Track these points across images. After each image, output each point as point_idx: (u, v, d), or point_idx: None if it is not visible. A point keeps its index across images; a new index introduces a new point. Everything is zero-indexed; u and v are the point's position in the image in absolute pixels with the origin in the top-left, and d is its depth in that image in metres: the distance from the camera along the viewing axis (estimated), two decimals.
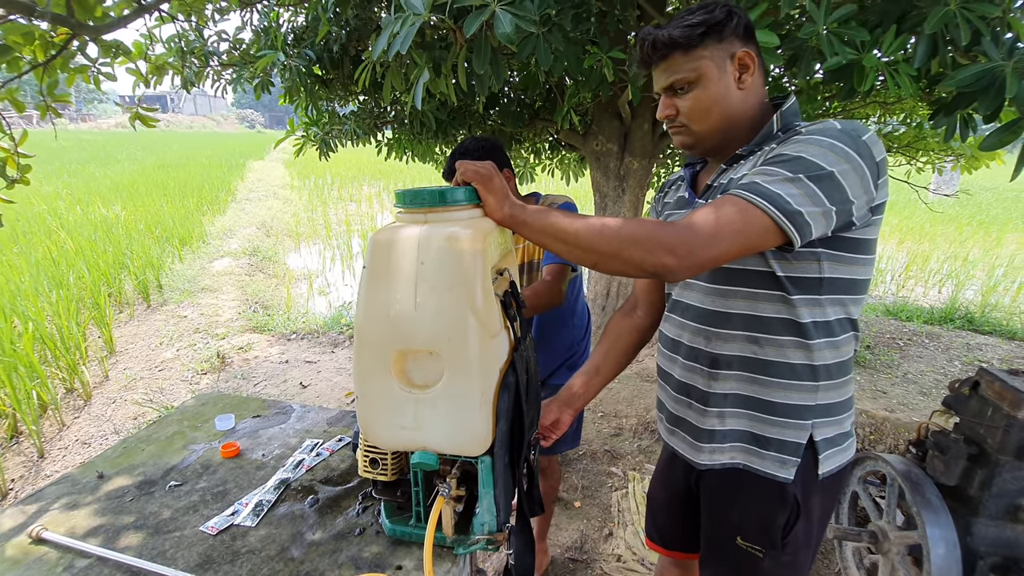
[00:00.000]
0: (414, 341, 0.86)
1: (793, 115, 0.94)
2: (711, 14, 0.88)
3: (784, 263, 0.89)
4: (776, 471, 0.96)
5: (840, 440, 0.98)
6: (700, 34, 0.88)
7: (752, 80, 0.92)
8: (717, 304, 0.97)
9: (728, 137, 0.95)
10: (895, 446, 3.04)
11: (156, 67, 2.77)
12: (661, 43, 0.91)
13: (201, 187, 12.67)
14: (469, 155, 1.64)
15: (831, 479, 0.99)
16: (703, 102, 0.92)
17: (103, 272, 5.35)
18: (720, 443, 1.01)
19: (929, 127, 3.76)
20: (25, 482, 2.77)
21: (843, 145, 0.80)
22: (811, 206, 0.78)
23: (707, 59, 0.89)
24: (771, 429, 0.96)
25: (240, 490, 1.13)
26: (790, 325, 0.91)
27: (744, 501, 1.01)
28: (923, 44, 1.45)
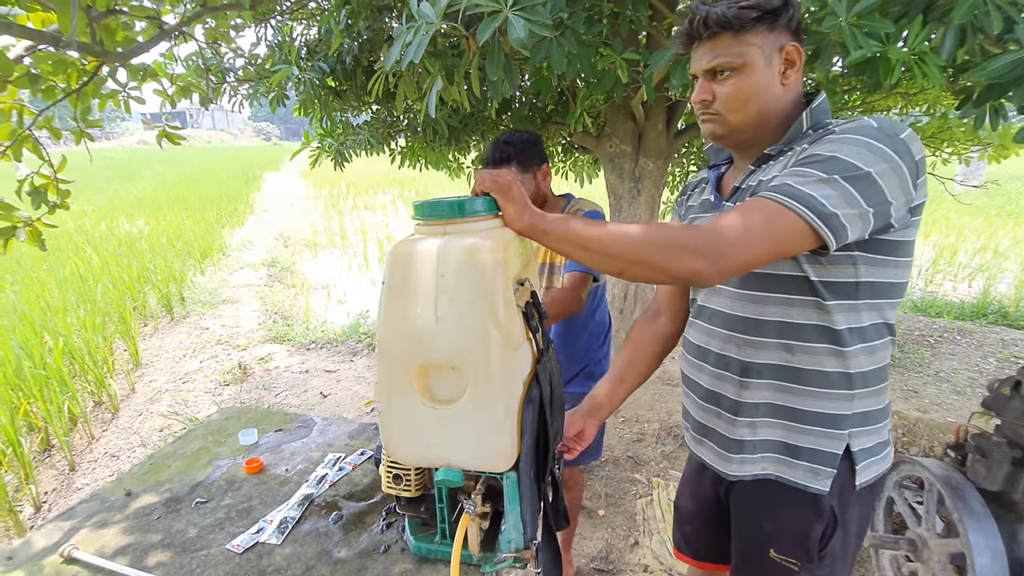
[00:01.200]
0: (436, 355, 0.85)
1: (823, 112, 0.90)
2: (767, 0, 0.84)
3: (818, 267, 0.85)
4: (809, 482, 0.92)
5: (878, 449, 0.94)
6: (754, 18, 0.83)
7: (796, 77, 0.88)
8: (748, 310, 0.94)
9: (760, 132, 0.92)
10: (930, 448, 2.93)
11: (180, 88, 2.83)
12: (713, 20, 0.85)
13: (220, 200, 12.90)
14: (511, 146, 1.66)
15: (868, 489, 0.95)
16: (744, 91, 0.87)
17: (128, 286, 5.46)
18: (751, 453, 0.98)
19: (956, 117, 3.65)
20: (58, 495, 2.82)
21: (880, 144, 0.76)
22: (847, 208, 0.75)
23: (756, 46, 0.85)
24: (804, 438, 0.92)
25: (264, 506, 1.13)
26: (824, 331, 0.88)
27: (777, 512, 0.97)
28: (951, 34, 1.40)
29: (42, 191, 1.93)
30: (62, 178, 1.98)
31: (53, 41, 0.98)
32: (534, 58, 1.64)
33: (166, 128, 2.25)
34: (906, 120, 4.21)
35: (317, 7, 3.56)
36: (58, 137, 2.04)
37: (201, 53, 3.16)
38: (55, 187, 1.98)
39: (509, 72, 1.67)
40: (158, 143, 2.29)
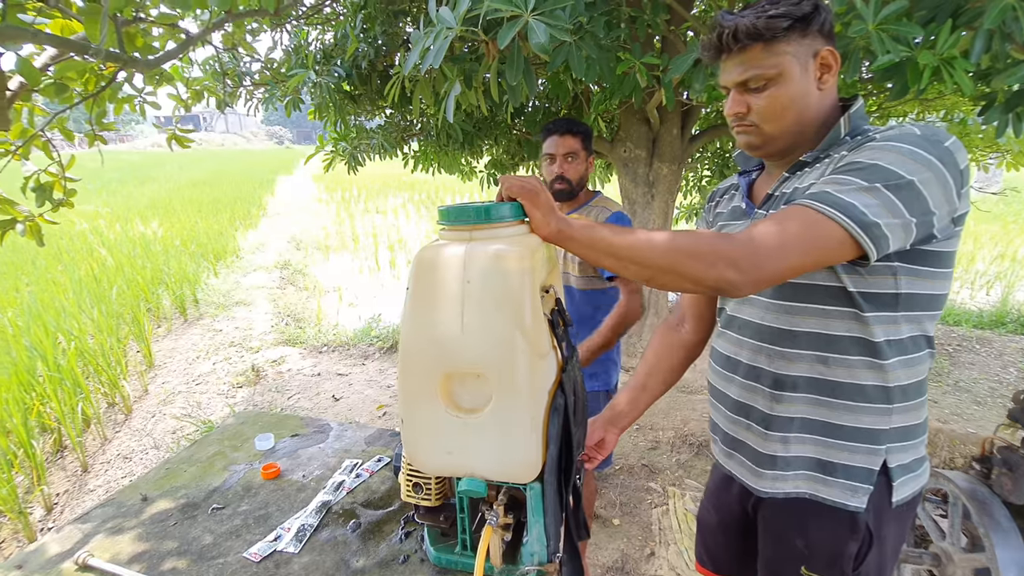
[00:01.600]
0: (461, 363, 0.83)
1: (861, 118, 0.87)
2: (796, 6, 0.81)
3: (857, 278, 0.82)
4: (847, 500, 0.89)
5: (915, 466, 0.91)
6: (785, 27, 0.80)
7: (832, 81, 0.86)
8: (781, 321, 0.91)
9: (797, 139, 0.89)
10: (951, 460, 2.87)
11: (196, 92, 2.85)
12: (743, 32, 0.82)
13: (234, 203, 13.02)
14: (581, 125, 1.73)
15: (905, 506, 0.92)
16: (780, 101, 0.85)
17: (142, 288, 5.51)
18: (783, 470, 0.95)
19: (977, 123, 3.59)
20: (70, 496, 2.83)
21: (924, 152, 0.73)
22: (889, 217, 0.72)
23: (790, 55, 0.82)
24: (839, 454, 0.89)
25: (282, 513, 1.11)
26: (862, 344, 0.85)
27: (811, 529, 0.94)
28: (980, 39, 1.37)
29: (47, 188, 1.95)
30: (69, 176, 2.00)
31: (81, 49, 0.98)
32: (554, 62, 1.63)
33: (176, 131, 2.26)
34: None
35: (333, 12, 3.58)
36: (71, 139, 2.05)
37: (218, 57, 3.19)
38: (61, 185, 1.99)
39: (528, 77, 1.66)
40: (168, 145, 2.31)
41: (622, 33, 1.99)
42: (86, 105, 1.95)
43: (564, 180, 1.70)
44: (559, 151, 1.70)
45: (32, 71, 1.19)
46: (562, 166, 1.70)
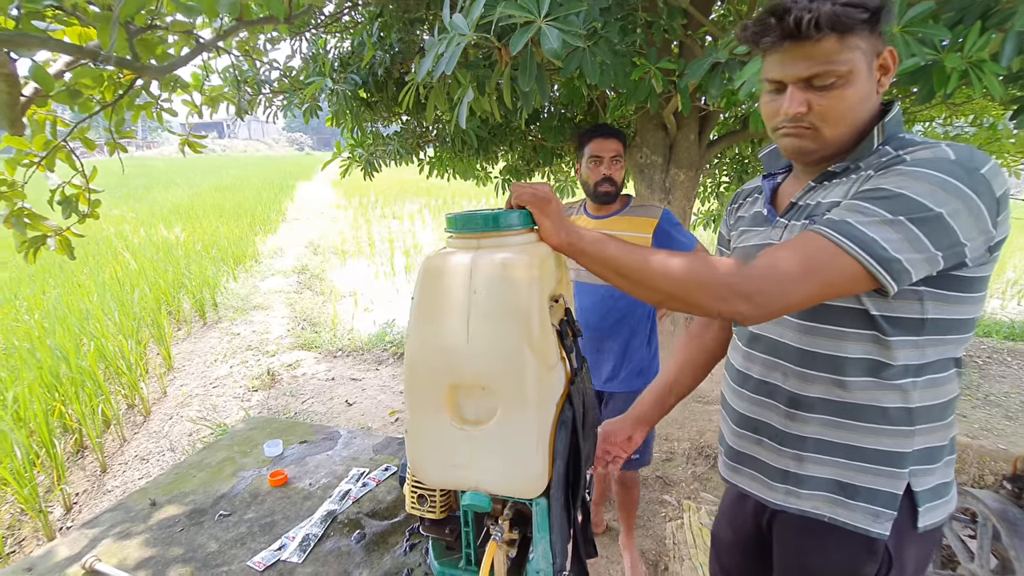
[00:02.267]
0: (466, 374, 0.81)
1: (897, 125, 0.81)
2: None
3: (880, 302, 0.78)
4: (869, 525, 0.85)
5: (943, 491, 0.87)
6: (862, 19, 0.71)
7: (887, 86, 0.80)
8: (797, 340, 0.87)
9: (848, 145, 0.82)
10: (980, 477, 2.76)
11: (211, 98, 2.90)
12: (825, 20, 0.71)
13: (254, 208, 13.25)
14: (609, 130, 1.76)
15: (931, 532, 0.87)
16: (847, 102, 0.76)
17: (163, 291, 5.62)
18: (796, 486, 0.91)
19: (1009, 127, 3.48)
20: (88, 496, 2.88)
21: (956, 181, 0.68)
22: (911, 252, 0.68)
23: (861, 51, 0.74)
24: (861, 477, 0.85)
25: (287, 522, 1.11)
26: (883, 367, 0.81)
27: (827, 550, 0.90)
28: (1011, 41, 1.32)
29: (73, 200, 1.99)
30: (93, 188, 2.04)
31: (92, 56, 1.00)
32: (567, 68, 1.61)
33: (189, 137, 2.30)
34: (951, 131, 4.04)
35: (351, 20, 3.62)
36: (92, 148, 2.10)
37: (237, 65, 3.24)
38: (85, 197, 2.03)
39: (541, 82, 1.65)
40: (180, 151, 2.34)
41: (638, 38, 1.97)
42: (105, 114, 1.99)
43: (611, 182, 1.74)
44: (606, 153, 1.72)
45: (46, 77, 1.21)
46: (610, 167, 1.73)
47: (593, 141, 1.73)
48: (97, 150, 2.37)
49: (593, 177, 1.73)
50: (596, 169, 1.72)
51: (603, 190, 1.72)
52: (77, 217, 2.12)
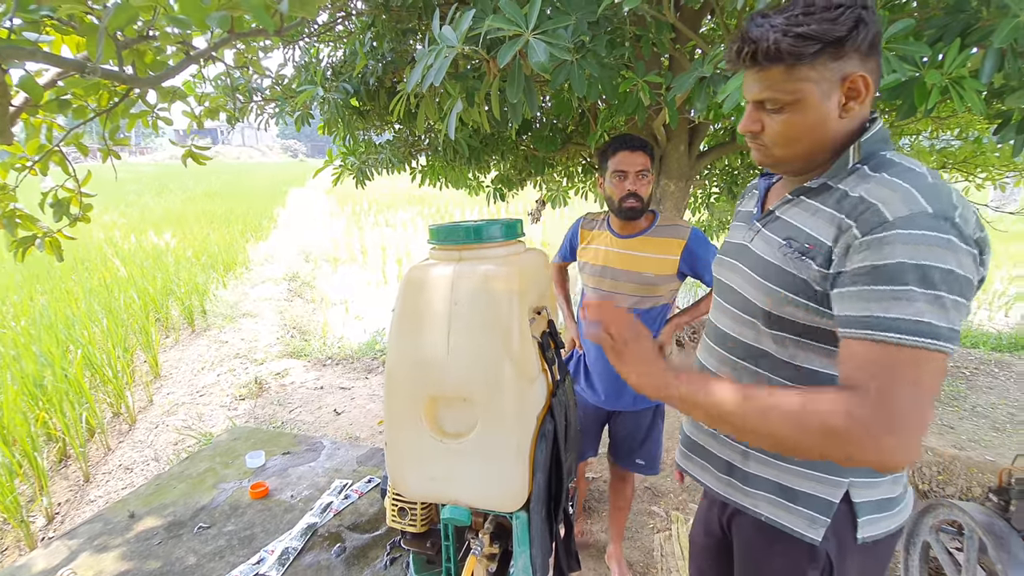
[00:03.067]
0: (446, 387, 0.81)
1: (879, 142, 0.79)
2: (832, 23, 0.71)
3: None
4: (804, 530, 0.87)
5: (888, 505, 0.87)
6: (812, 52, 0.72)
7: (860, 108, 0.77)
8: (759, 341, 0.89)
9: (812, 163, 0.83)
10: (967, 489, 2.78)
11: (210, 109, 2.90)
12: (763, 54, 0.74)
13: (246, 215, 13.19)
14: (644, 140, 1.68)
15: (874, 545, 0.88)
16: (794, 128, 0.78)
17: (152, 298, 5.57)
18: (742, 483, 0.94)
19: (992, 142, 3.54)
20: (71, 506, 2.83)
21: (948, 236, 0.67)
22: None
23: (812, 81, 0.74)
24: (801, 482, 0.88)
25: (267, 535, 1.09)
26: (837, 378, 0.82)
27: (773, 557, 0.94)
28: (990, 58, 1.35)
29: (64, 203, 1.97)
30: (86, 192, 2.03)
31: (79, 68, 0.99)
32: (555, 81, 1.62)
33: (192, 148, 2.29)
34: (937, 144, 4.10)
35: (344, 30, 3.64)
36: (85, 153, 2.09)
37: (229, 74, 3.24)
38: (78, 200, 2.02)
39: (529, 94, 1.66)
40: (183, 162, 2.33)
41: (626, 51, 1.99)
42: (100, 120, 1.98)
43: (637, 198, 1.64)
44: (632, 168, 1.63)
45: (35, 87, 1.21)
46: (635, 183, 1.64)
47: (618, 154, 1.65)
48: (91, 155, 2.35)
49: (618, 193, 1.65)
50: (621, 184, 1.64)
51: (628, 206, 1.64)
52: (68, 220, 2.11)
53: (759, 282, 0.86)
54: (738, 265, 0.93)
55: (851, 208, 0.74)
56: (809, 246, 0.78)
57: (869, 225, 0.70)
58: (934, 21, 1.44)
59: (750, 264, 0.89)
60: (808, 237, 0.79)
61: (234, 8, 0.99)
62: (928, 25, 1.44)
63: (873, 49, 0.75)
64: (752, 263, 0.89)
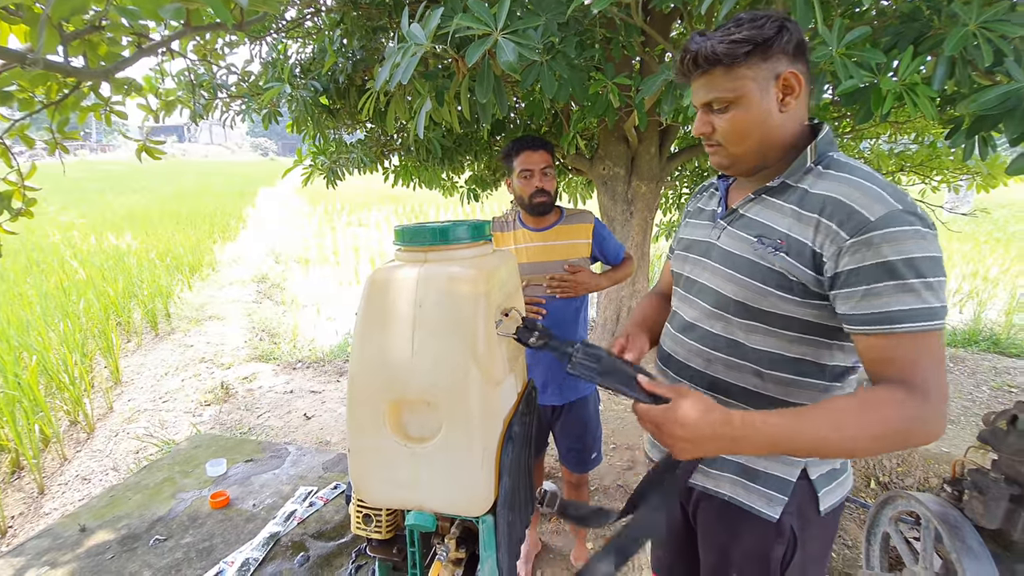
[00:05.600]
0: (410, 390, 0.80)
1: (828, 144, 0.86)
2: (759, 29, 0.81)
3: (826, 312, 0.84)
4: (763, 507, 0.93)
5: (837, 474, 0.96)
6: (745, 52, 0.81)
7: (796, 103, 0.85)
8: (729, 332, 0.93)
9: (765, 161, 0.90)
10: (925, 480, 2.88)
11: (166, 103, 2.79)
12: (703, 58, 0.84)
13: (213, 215, 12.84)
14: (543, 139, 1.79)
15: (832, 514, 0.96)
16: (741, 123, 0.85)
17: (113, 301, 5.36)
18: (709, 466, 0.99)
19: (945, 146, 3.69)
20: (25, 519, 2.70)
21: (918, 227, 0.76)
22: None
23: (749, 79, 0.82)
24: (761, 462, 0.94)
25: (227, 546, 1.05)
26: (807, 366, 0.88)
27: (738, 536, 0.98)
28: (942, 66, 1.40)
29: (6, 197, 1.88)
30: (29, 185, 1.94)
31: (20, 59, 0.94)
32: (524, 81, 1.62)
33: (146, 142, 2.21)
34: (894, 148, 4.26)
35: (313, 26, 3.57)
36: (30, 145, 2.00)
37: (193, 69, 3.14)
38: (21, 194, 1.93)
39: (499, 95, 1.65)
40: (137, 157, 2.24)
41: (596, 53, 2.00)
42: (48, 112, 1.89)
43: (545, 193, 1.76)
44: (537, 166, 1.74)
45: None
46: (541, 180, 1.75)
47: (522, 154, 1.76)
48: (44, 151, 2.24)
49: (527, 190, 1.76)
50: (528, 182, 1.75)
51: (538, 201, 1.75)
52: (10, 214, 2.01)
53: (731, 275, 0.91)
54: (706, 261, 0.98)
55: (821, 207, 0.80)
56: (781, 241, 0.84)
57: (854, 227, 0.77)
58: (890, 29, 1.48)
59: (719, 260, 0.94)
60: (779, 234, 0.85)
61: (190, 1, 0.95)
62: (884, 33, 1.48)
63: (800, 53, 0.83)
64: (721, 259, 0.94)
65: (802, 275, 0.82)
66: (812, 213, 0.81)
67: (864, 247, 0.76)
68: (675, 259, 1.09)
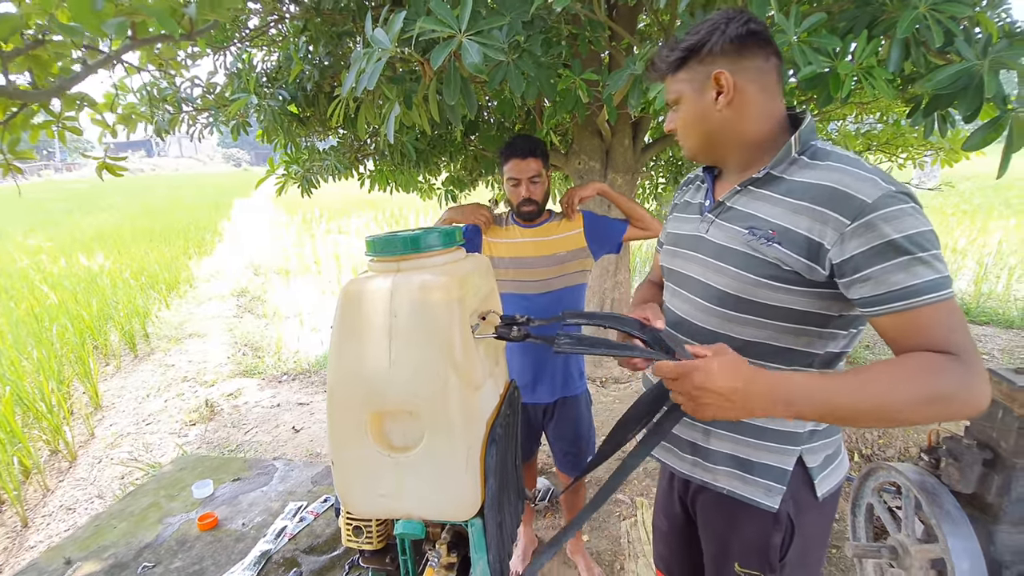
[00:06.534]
0: (390, 401, 0.80)
1: (810, 133, 0.88)
2: (695, 35, 0.87)
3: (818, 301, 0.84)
4: (761, 498, 0.94)
5: (833, 459, 0.97)
6: (677, 60, 0.90)
7: (739, 100, 0.87)
8: (723, 327, 0.93)
9: (724, 155, 0.95)
10: (905, 450, 2.97)
11: (124, 117, 2.73)
12: (652, 69, 0.97)
13: (187, 230, 12.60)
14: (537, 142, 1.78)
15: (830, 498, 0.98)
16: (683, 122, 0.94)
17: (87, 324, 5.24)
18: (705, 460, 1.00)
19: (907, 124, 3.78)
20: (9, 554, 2.63)
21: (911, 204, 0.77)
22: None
23: (684, 82, 0.91)
24: (757, 453, 0.95)
25: (217, 568, 1.05)
26: (799, 355, 0.89)
27: (738, 526, 1.00)
28: (896, 48, 1.43)
29: None
30: None
31: None
32: (492, 82, 1.62)
33: (106, 159, 2.15)
34: (861, 128, 4.35)
35: (278, 33, 3.52)
36: None
37: (156, 83, 3.08)
38: None
39: (467, 95, 1.65)
40: (98, 175, 2.18)
41: (562, 50, 2.01)
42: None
43: (532, 202, 1.76)
44: (524, 175, 1.74)
45: None
46: (528, 189, 1.74)
47: (510, 162, 1.75)
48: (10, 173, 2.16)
49: (515, 199, 1.77)
50: (516, 191, 1.76)
51: (526, 210, 1.76)
52: None
53: (722, 268, 0.92)
54: (696, 255, 0.99)
55: (814, 196, 0.81)
56: (772, 232, 0.85)
57: (853, 211, 0.77)
58: (845, 14, 1.52)
59: (710, 253, 0.95)
60: (771, 224, 0.86)
61: (134, 14, 0.93)
62: (840, 19, 1.51)
63: (739, 51, 0.86)
64: (712, 252, 0.95)
65: (795, 264, 0.82)
66: (804, 202, 0.82)
67: (867, 229, 0.76)
68: (663, 254, 1.10)
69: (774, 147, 0.89)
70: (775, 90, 0.88)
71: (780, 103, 0.90)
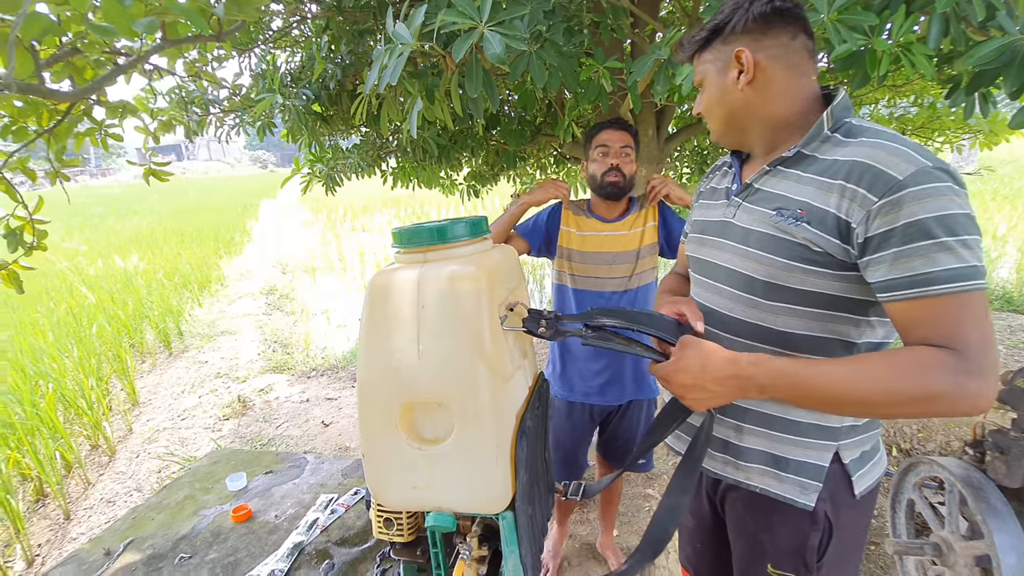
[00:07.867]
0: (420, 393, 0.79)
1: (844, 110, 0.83)
2: (720, 15, 0.87)
3: (855, 286, 0.80)
4: (797, 496, 0.90)
5: (870, 456, 0.93)
6: (700, 40, 0.90)
7: (762, 78, 0.84)
8: (753, 316, 0.89)
9: (749, 137, 0.92)
10: (946, 444, 2.86)
11: (166, 124, 2.81)
12: (679, 52, 0.98)
13: (217, 231, 12.92)
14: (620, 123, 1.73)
15: (868, 495, 0.93)
16: (708, 103, 0.94)
17: (124, 323, 5.41)
18: (736, 458, 0.96)
19: (945, 106, 3.63)
20: (52, 547, 2.74)
21: (950, 183, 0.72)
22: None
23: (708, 63, 0.91)
24: (792, 450, 0.90)
25: (252, 559, 1.06)
26: (835, 345, 0.84)
27: (772, 526, 0.95)
28: (935, 23, 1.37)
29: (18, 232, 1.89)
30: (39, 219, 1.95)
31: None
32: (514, 73, 1.61)
33: (151, 166, 2.21)
34: (894, 112, 4.19)
35: (300, 34, 3.56)
36: (33, 179, 2.00)
37: (183, 86, 3.15)
38: (32, 228, 1.94)
39: (489, 88, 1.64)
40: (145, 180, 2.25)
41: (585, 39, 1.98)
42: (44, 141, 1.90)
43: (619, 172, 1.61)
44: (615, 143, 1.63)
45: None
46: (618, 156, 1.62)
47: (603, 132, 1.67)
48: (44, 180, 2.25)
49: (600, 168, 1.63)
50: (604, 159, 1.62)
51: (610, 179, 1.61)
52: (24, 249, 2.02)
53: (751, 253, 0.87)
54: (723, 241, 0.95)
55: (848, 173, 0.77)
56: (801, 211, 0.81)
57: (882, 188, 0.73)
58: None
59: (737, 238, 0.91)
60: (799, 203, 0.81)
61: (164, 13, 0.95)
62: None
63: (763, 30, 0.83)
64: (740, 236, 0.91)
65: (827, 244, 0.78)
66: (835, 180, 0.78)
67: (895, 207, 0.72)
68: (690, 243, 1.06)
69: (805, 126, 0.85)
70: (804, 68, 0.85)
71: (811, 81, 0.86)
